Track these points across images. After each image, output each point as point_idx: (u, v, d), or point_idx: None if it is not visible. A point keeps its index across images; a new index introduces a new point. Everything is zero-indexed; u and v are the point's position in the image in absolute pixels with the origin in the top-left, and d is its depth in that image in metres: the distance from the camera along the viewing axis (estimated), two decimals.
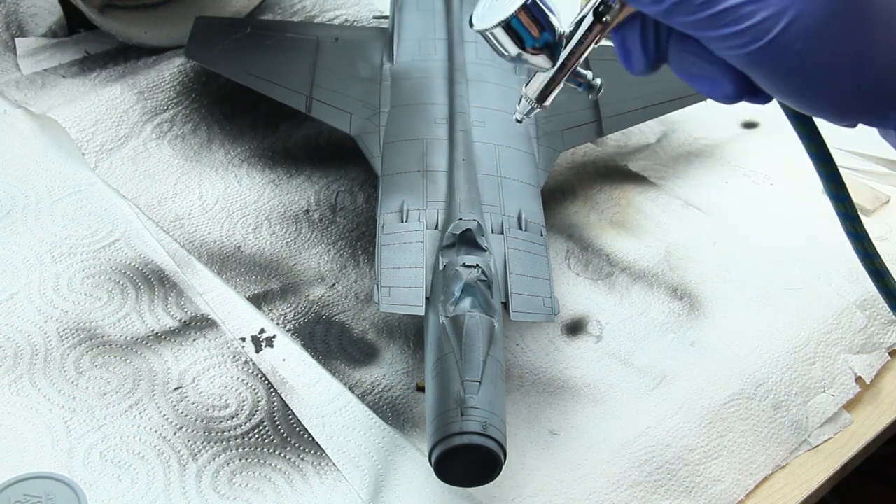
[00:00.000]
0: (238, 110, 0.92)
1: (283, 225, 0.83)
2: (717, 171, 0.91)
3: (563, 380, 0.72)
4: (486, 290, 0.64)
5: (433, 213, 0.72)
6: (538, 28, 0.51)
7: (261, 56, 0.86)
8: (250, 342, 0.73)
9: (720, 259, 0.82)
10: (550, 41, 0.52)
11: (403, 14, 0.89)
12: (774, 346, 0.75)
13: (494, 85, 0.83)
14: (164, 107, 0.91)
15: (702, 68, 0.49)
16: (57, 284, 0.76)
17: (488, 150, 0.77)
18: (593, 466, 0.67)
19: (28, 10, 0.98)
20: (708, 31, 0.47)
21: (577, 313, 0.77)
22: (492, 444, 0.57)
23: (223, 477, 0.65)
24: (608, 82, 0.86)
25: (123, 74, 0.93)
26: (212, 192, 0.85)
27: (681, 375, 0.73)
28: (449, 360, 0.61)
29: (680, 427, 0.69)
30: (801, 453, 0.70)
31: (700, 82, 0.50)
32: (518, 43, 0.51)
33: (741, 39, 0.46)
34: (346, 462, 0.66)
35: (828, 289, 0.79)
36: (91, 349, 0.72)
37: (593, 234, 0.84)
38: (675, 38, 0.50)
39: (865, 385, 0.75)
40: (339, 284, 0.78)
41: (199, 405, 0.69)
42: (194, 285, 0.77)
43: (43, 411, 0.68)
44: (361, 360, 0.73)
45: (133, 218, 0.82)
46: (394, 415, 0.69)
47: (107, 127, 0.88)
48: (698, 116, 0.93)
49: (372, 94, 0.83)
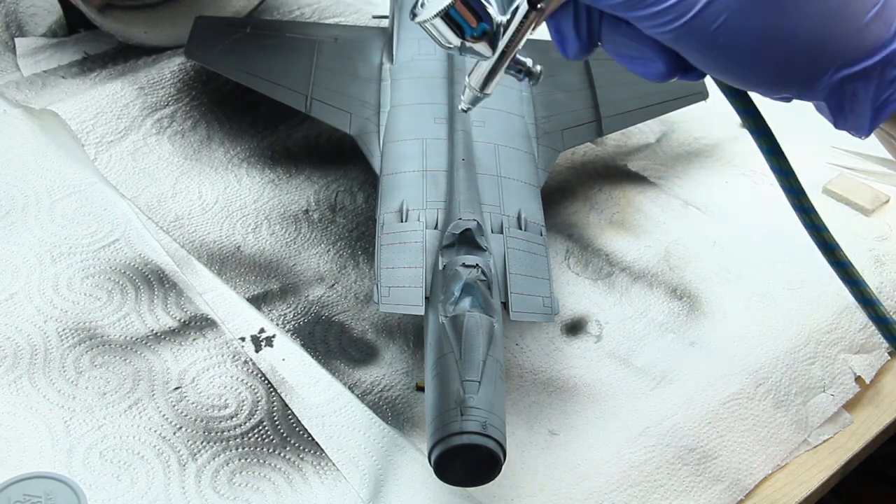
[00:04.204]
0: (238, 109, 0.92)
1: (283, 225, 0.83)
2: (717, 171, 0.91)
3: (563, 380, 0.72)
4: (485, 289, 0.64)
5: (433, 213, 0.72)
6: (475, 17, 0.54)
7: (260, 56, 0.86)
8: (250, 342, 0.73)
9: (720, 259, 0.82)
10: (488, 30, 0.54)
11: (403, 14, 0.89)
12: (774, 346, 0.75)
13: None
14: (165, 103, 0.91)
15: (634, 49, 0.52)
16: (57, 284, 0.76)
17: (488, 149, 0.77)
18: (593, 466, 0.67)
19: (28, 10, 0.98)
20: (634, 11, 0.49)
21: (577, 313, 0.77)
22: (491, 444, 0.57)
23: (223, 477, 0.65)
24: (608, 83, 0.87)
25: (124, 72, 0.93)
26: (211, 192, 0.85)
27: (681, 375, 0.73)
28: (449, 359, 0.61)
29: (680, 427, 0.69)
30: (801, 453, 0.70)
31: (633, 63, 0.53)
32: (458, 32, 0.54)
33: (666, 17, 0.48)
34: (345, 462, 0.66)
35: (828, 289, 0.79)
36: (91, 349, 0.72)
37: (593, 233, 0.84)
38: (607, 22, 0.52)
39: (865, 385, 0.75)
40: (338, 284, 0.78)
41: (198, 405, 0.69)
42: (194, 285, 0.77)
43: (43, 411, 0.67)
44: (361, 360, 0.73)
45: (133, 218, 0.82)
46: (393, 414, 0.69)
47: (107, 120, 0.88)
48: (698, 116, 0.93)
49: (372, 93, 0.83)
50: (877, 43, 0.49)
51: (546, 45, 0.90)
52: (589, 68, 0.88)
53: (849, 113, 0.51)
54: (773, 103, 0.53)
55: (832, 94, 0.50)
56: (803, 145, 0.66)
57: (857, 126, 0.52)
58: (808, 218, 0.56)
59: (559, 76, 0.88)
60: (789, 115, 0.71)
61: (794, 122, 0.73)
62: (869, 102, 0.50)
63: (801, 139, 0.69)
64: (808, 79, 0.50)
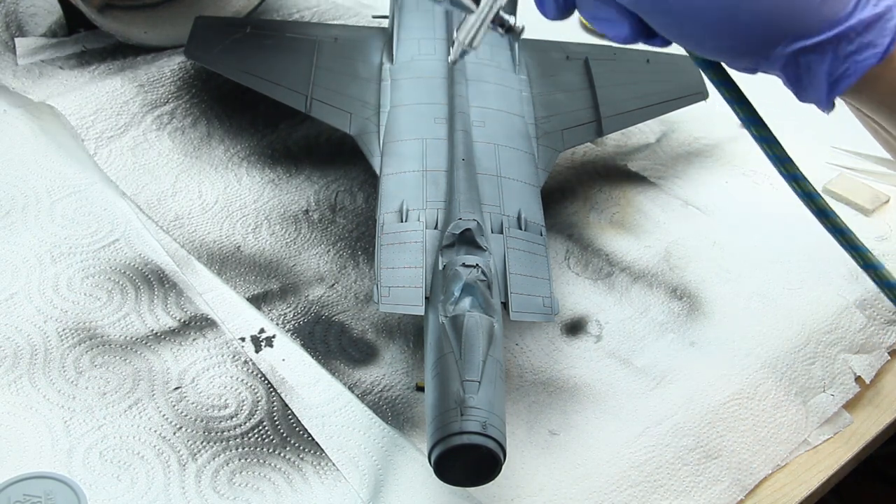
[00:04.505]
0: (238, 108, 0.92)
1: (283, 225, 0.83)
2: (717, 171, 0.91)
3: (563, 380, 0.72)
4: (485, 289, 0.64)
5: (433, 213, 0.72)
6: None
7: (260, 56, 0.86)
8: (250, 342, 0.73)
9: (720, 259, 0.82)
10: None
11: (403, 14, 0.89)
12: (774, 346, 0.75)
13: (494, 85, 0.83)
14: (164, 100, 0.91)
15: (605, 12, 0.56)
16: (57, 284, 0.76)
17: (488, 149, 0.77)
18: (593, 466, 0.67)
19: (28, 9, 0.98)
20: None
21: (577, 313, 0.77)
22: (491, 444, 0.57)
23: (223, 477, 0.65)
24: (608, 83, 0.87)
25: (123, 68, 0.93)
26: (211, 192, 0.85)
27: (681, 375, 0.73)
28: (449, 359, 0.61)
29: (680, 427, 0.69)
30: (801, 453, 0.70)
31: (604, 25, 0.57)
32: None
33: None
34: (345, 462, 0.66)
35: (828, 289, 0.79)
36: (91, 349, 0.72)
37: (593, 233, 0.84)
38: None
39: (865, 385, 0.75)
40: (338, 284, 0.78)
41: (198, 405, 0.69)
42: (194, 285, 0.77)
43: (43, 411, 0.67)
44: (361, 360, 0.73)
45: (133, 218, 0.82)
46: (393, 414, 0.69)
47: (107, 116, 0.88)
48: (698, 116, 0.93)
49: (372, 93, 0.83)
50: (832, 19, 0.52)
51: (546, 45, 0.91)
52: (589, 68, 0.88)
53: (807, 86, 0.54)
54: (773, 104, 0.53)
55: (787, 65, 0.53)
56: (803, 145, 0.66)
57: (817, 99, 0.54)
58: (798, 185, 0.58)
59: (559, 76, 0.88)
60: (790, 116, 0.71)
61: (794, 123, 0.73)
62: (824, 76, 0.53)
63: (802, 139, 0.69)
64: (764, 48, 0.53)
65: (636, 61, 0.91)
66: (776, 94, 0.72)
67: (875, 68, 0.52)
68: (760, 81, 0.67)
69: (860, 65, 0.52)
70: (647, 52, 0.93)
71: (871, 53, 0.52)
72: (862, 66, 0.52)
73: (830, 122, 0.66)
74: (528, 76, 0.86)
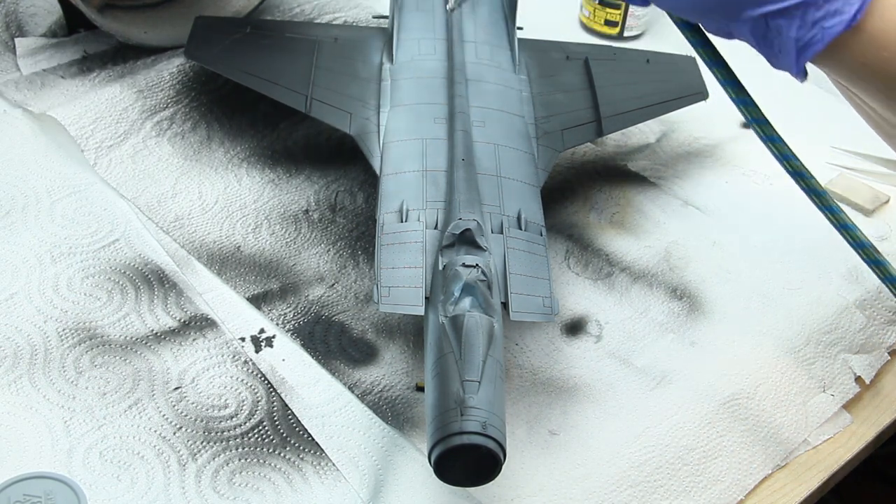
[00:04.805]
0: (238, 109, 0.92)
1: (283, 225, 0.83)
2: (717, 171, 0.91)
3: (563, 380, 0.72)
4: (485, 289, 0.64)
5: (433, 213, 0.72)
6: None
7: (260, 56, 0.86)
8: (250, 342, 0.73)
9: (720, 259, 0.82)
10: None
11: (403, 14, 0.89)
12: (774, 346, 0.75)
13: (494, 85, 0.83)
14: (164, 105, 0.91)
15: None
16: (56, 284, 0.76)
17: (488, 150, 0.77)
18: (593, 466, 0.67)
19: (28, 10, 0.98)
20: None
21: (577, 313, 0.77)
22: (491, 444, 0.57)
23: (223, 477, 0.65)
24: (608, 83, 0.87)
25: (123, 74, 0.93)
26: (211, 192, 0.85)
27: (681, 375, 0.73)
28: (448, 359, 0.61)
29: (680, 427, 0.69)
30: (801, 453, 0.70)
31: None
32: None
33: None
34: (345, 462, 0.66)
35: (828, 289, 0.79)
36: (91, 349, 0.72)
37: (593, 233, 0.84)
38: None
39: (865, 385, 0.75)
40: (338, 284, 0.78)
41: (198, 405, 0.69)
42: (194, 285, 0.77)
43: (42, 411, 0.67)
44: (361, 360, 0.73)
45: (133, 218, 0.82)
46: (393, 414, 0.69)
47: (106, 124, 0.88)
48: (698, 116, 0.93)
49: (372, 93, 0.83)
50: None
51: (546, 45, 0.91)
52: (589, 68, 0.88)
53: (778, 52, 0.55)
54: (774, 104, 0.53)
55: (756, 27, 0.54)
56: (803, 145, 0.66)
57: (788, 65, 0.55)
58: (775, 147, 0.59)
59: (559, 76, 0.88)
60: (790, 116, 0.71)
61: (794, 123, 0.73)
62: (792, 41, 0.54)
63: (802, 139, 0.69)
64: (733, 8, 0.54)
65: (636, 61, 0.91)
66: (777, 94, 0.73)
67: (844, 36, 0.53)
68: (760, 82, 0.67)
69: (827, 31, 0.53)
70: (647, 52, 0.93)
71: (839, 20, 0.53)
72: (829, 32, 0.53)
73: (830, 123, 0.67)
74: (528, 76, 0.86)
